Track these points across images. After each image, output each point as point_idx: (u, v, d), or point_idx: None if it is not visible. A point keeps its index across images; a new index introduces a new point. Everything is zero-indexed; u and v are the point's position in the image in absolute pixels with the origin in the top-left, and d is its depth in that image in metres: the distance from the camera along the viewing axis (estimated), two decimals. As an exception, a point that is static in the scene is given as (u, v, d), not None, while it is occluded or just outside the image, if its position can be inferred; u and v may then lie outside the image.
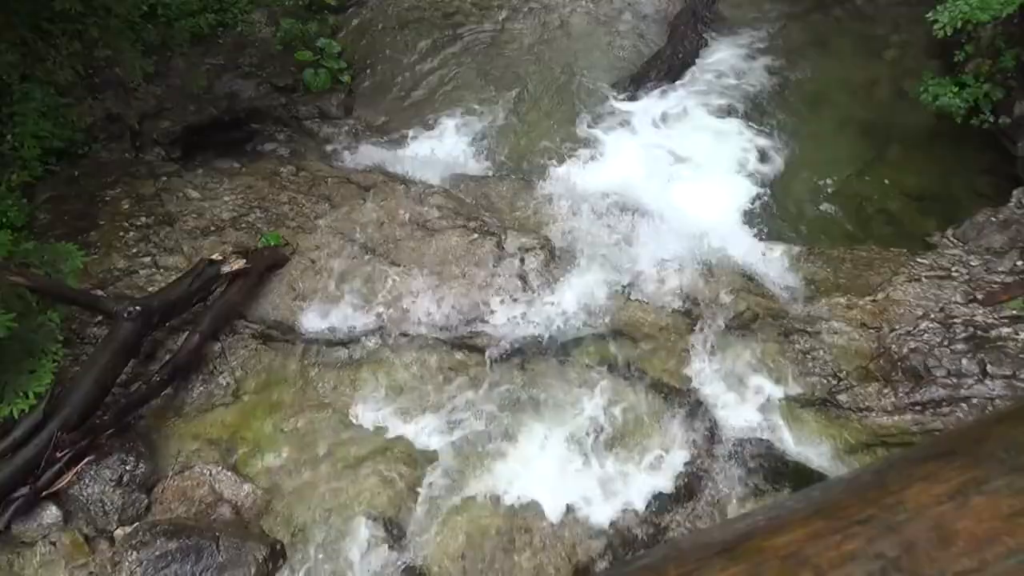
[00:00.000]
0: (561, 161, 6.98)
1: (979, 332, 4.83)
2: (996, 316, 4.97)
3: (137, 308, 4.91)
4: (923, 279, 5.51)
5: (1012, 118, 6.35)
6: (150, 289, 5.57)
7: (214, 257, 5.50)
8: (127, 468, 4.57)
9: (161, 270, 5.82)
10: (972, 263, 5.59)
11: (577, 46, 8.53)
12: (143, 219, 6.20)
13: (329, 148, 7.58)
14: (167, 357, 5.14)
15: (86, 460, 4.49)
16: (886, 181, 6.84)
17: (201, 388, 5.17)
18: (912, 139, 7.07)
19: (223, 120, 7.67)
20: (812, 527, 0.75)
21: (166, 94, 7.59)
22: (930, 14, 6.11)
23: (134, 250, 5.97)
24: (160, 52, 7.88)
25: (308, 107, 8.01)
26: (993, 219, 5.91)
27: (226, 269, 5.44)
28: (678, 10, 8.81)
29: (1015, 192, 6.05)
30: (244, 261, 5.53)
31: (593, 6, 9.10)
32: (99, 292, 5.53)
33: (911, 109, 7.04)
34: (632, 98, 7.75)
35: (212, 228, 6.17)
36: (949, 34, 5.97)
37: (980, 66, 6.61)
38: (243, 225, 6.20)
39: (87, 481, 4.47)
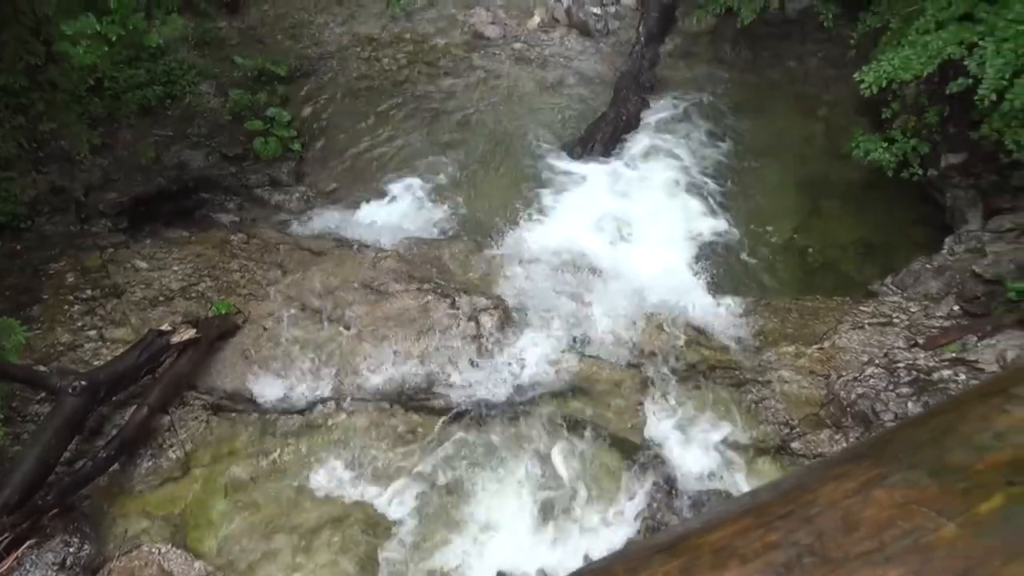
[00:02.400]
0: (512, 222, 7.09)
1: (922, 376, 4.97)
2: (937, 359, 5.12)
3: (82, 383, 4.78)
4: (867, 326, 5.68)
5: (939, 171, 6.66)
6: (96, 363, 5.43)
7: (163, 328, 5.40)
8: (71, 550, 4.37)
9: (107, 343, 5.69)
10: (912, 309, 5.78)
11: (525, 110, 8.75)
12: (88, 292, 6.08)
13: (281, 215, 7.58)
14: (114, 432, 4.98)
15: (27, 544, 4.29)
16: (826, 233, 7.09)
17: (149, 463, 5.02)
18: (848, 192, 7.37)
19: (172, 190, 7.63)
20: (741, 524, 0.83)
21: (113, 165, 7.55)
22: (857, 74, 6.41)
23: (79, 323, 5.84)
24: (107, 124, 7.87)
25: (259, 175, 8.02)
26: (928, 267, 6.15)
27: (175, 339, 5.34)
28: (620, 74, 9.12)
29: (947, 240, 6.32)
30: (194, 331, 5.44)
31: (539, 71, 9.38)
32: (42, 368, 5.38)
33: (845, 164, 7.35)
34: (579, 159, 7.94)
35: (161, 298, 6.08)
36: (875, 93, 6.26)
37: (907, 122, 6.95)
38: (193, 294, 6.12)
39: (28, 566, 4.26)
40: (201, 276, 6.30)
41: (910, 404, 4.81)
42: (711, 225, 7.12)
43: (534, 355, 5.68)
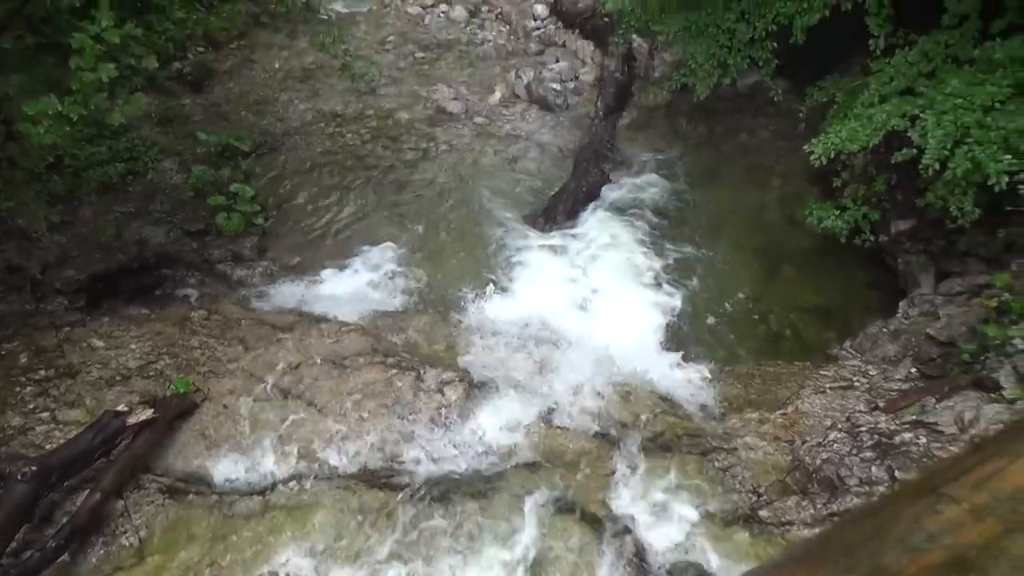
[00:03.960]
0: (476, 293, 7.13)
1: (884, 439, 5.02)
2: (898, 422, 5.18)
3: (32, 468, 4.62)
4: (828, 390, 5.74)
5: (890, 236, 6.87)
6: (48, 446, 5.26)
7: (118, 408, 5.27)
8: (14, 649, 4.15)
9: (60, 425, 5.52)
10: (871, 372, 5.87)
11: (487, 182, 8.88)
12: (42, 372, 5.93)
13: (243, 290, 7.52)
14: (64, 519, 4.79)
15: (-33, 644, 4.08)
16: (785, 298, 7.22)
17: (101, 551, 4.82)
18: (804, 258, 7.55)
19: (132, 267, 7.55)
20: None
21: (72, 243, 7.47)
22: (807, 146, 6.64)
23: (31, 406, 5.67)
24: (67, 201, 7.81)
25: (221, 250, 7.98)
26: (885, 330, 6.28)
27: (131, 420, 5.21)
28: (580, 147, 9.34)
29: (901, 304, 6.47)
30: (151, 411, 5.31)
31: (501, 145, 9.57)
32: (-10, 453, 5.19)
33: (800, 231, 7.56)
34: (542, 230, 8.05)
35: (117, 378, 5.94)
36: (825, 163, 6.49)
37: (856, 191, 7.19)
38: (151, 373, 6.00)
39: (-33, 668, 4.04)
40: (160, 354, 6.19)
41: (874, 468, 4.83)
42: (673, 293, 7.22)
43: (500, 427, 5.63)
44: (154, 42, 10.21)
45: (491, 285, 7.33)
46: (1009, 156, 5.40)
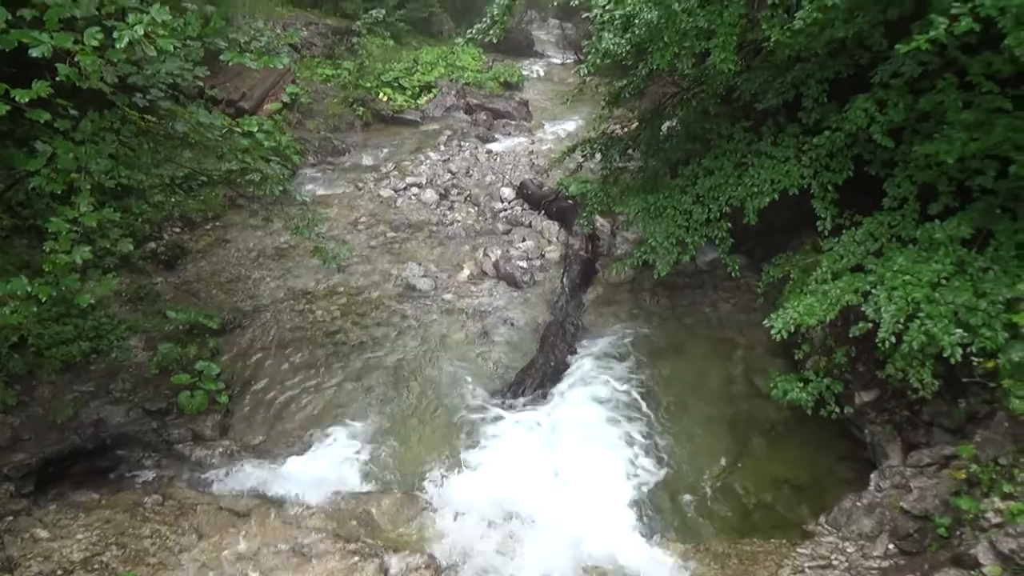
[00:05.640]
0: (443, 472, 6.96)
1: (869, 625, 4.81)
2: (881, 606, 4.99)
3: None
4: (807, 570, 5.57)
5: (855, 408, 6.92)
6: (-27, 653, 4.83)
7: (56, 607, 4.91)
8: None
9: (-10, 629, 5.11)
10: (848, 550, 5.73)
11: (455, 358, 8.92)
12: (-23, 568, 5.55)
13: (201, 472, 7.24)
14: None
15: None
16: (757, 472, 7.14)
17: None
18: (773, 431, 7.55)
19: (86, 448, 7.29)
20: None
21: (25, 424, 7.23)
22: (766, 321, 6.83)
23: (-40, 606, 5.26)
24: (26, 381, 7.65)
25: (181, 430, 7.76)
26: (858, 504, 6.18)
27: (69, 621, 4.83)
28: (548, 322, 9.51)
29: (872, 476, 6.42)
30: (92, 609, 4.95)
31: (469, 321, 9.71)
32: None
33: (767, 403, 7.60)
34: (510, 406, 8.01)
35: (59, 572, 5.57)
36: (786, 337, 6.65)
37: (818, 363, 7.32)
38: (95, 566, 5.64)
39: None
40: (108, 544, 5.86)
41: (861, 657, 4.60)
42: (643, 469, 7.10)
43: (467, 619, 5.33)
44: (131, 224, 10.55)
45: (458, 463, 7.17)
46: (960, 330, 5.60)
